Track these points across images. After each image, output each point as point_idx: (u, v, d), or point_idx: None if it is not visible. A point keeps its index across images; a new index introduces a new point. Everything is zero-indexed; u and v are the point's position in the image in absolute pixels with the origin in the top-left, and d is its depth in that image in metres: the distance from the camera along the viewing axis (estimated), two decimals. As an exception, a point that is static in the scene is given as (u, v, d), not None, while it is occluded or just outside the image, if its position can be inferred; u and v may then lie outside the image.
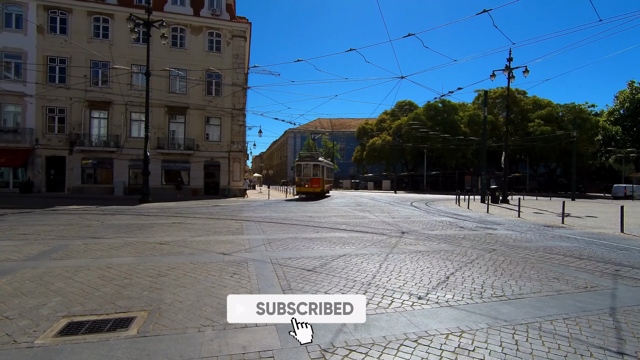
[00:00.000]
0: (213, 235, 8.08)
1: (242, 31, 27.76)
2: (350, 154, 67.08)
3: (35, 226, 9.07)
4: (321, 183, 24.81)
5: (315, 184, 24.55)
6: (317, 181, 24.59)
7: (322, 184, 25.08)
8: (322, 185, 24.96)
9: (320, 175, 24.84)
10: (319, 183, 24.61)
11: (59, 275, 4.75)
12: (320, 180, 24.69)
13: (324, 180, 25.36)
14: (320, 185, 24.73)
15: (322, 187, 25.01)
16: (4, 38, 23.10)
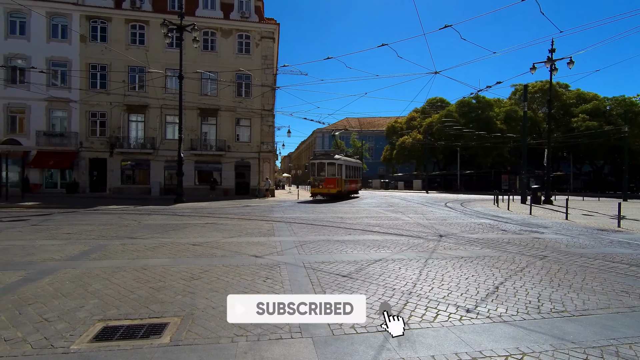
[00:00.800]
0: (245, 237, 8.02)
1: (271, 32, 27.97)
2: (379, 153, 65.96)
3: (78, 225, 9.46)
4: (338, 183, 22.55)
5: (330, 184, 22.39)
6: (332, 181, 22.39)
7: (340, 184, 22.86)
8: (339, 186, 22.70)
9: (338, 174, 22.65)
10: (335, 183, 22.36)
11: (97, 277, 4.81)
12: (336, 180, 22.41)
13: (341, 180, 23.06)
14: (337, 185, 22.49)
15: (339, 187, 22.73)
16: (52, 48, 24.64)
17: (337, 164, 22.72)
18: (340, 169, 23.05)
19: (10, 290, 4.23)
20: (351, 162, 27.32)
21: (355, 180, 27.76)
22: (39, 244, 6.89)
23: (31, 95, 23.96)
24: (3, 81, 23.68)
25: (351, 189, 26.50)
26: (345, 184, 24.07)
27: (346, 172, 24.36)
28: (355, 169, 28.76)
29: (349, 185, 25.18)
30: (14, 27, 24.37)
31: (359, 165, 30.63)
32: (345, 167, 24.31)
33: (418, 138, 49.71)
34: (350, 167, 26.34)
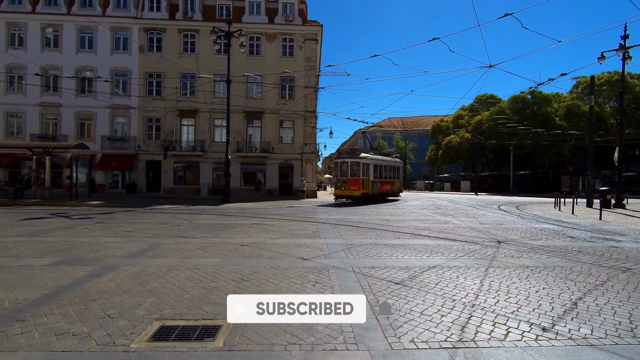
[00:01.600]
0: (291, 238, 7.99)
1: (314, 34, 28.13)
2: (422, 153, 63.70)
3: (136, 224, 10.07)
4: (364, 185, 20.31)
5: (353, 185, 20.27)
6: (356, 182, 20.23)
7: (367, 185, 20.58)
8: (365, 187, 20.43)
9: (363, 174, 20.41)
10: (359, 185, 20.15)
11: (153, 275, 4.98)
12: (360, 182, 20.17)
13: (368, 181, 20.72)
14: (362, 187, 20.24)
15: (365, 189, 20.45)
16: (114, 59, 26.81)
17: (362, 163, 20.44)
18: (366, 169, 20.79)
19: (78, 285, 4.50)
20: (385, 161, 24.48)
21: (390, 182, 24.76)
22: (103, 241, 7.38)
23: (97, 104, 26.26)
24: (74, 91, 26.19)
25: (385, 191, 23.69)
26: (375, 185, 21.66)
27: (376, 172, 22.05)
28: (393, 169, 25.86)
29: (380, 186, 22.62)
30: (83, 42, 26.86)
31: (397, 164, 27.19)
32: (375, 167, 21.96)
33: (466, 137, 47.30)
34: (384, 166, 23.75)
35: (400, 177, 27.53)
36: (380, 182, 22.72)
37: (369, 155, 21.50)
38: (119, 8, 26.91)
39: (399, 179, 27.32)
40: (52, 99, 26.56)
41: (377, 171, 22.20)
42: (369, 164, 21.10)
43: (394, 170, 26.11)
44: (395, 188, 26.30)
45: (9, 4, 26.36)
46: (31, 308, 3.70)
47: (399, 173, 27.49)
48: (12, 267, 5.26)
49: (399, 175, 27.46)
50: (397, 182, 26.60)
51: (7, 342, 2.97)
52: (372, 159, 21.67)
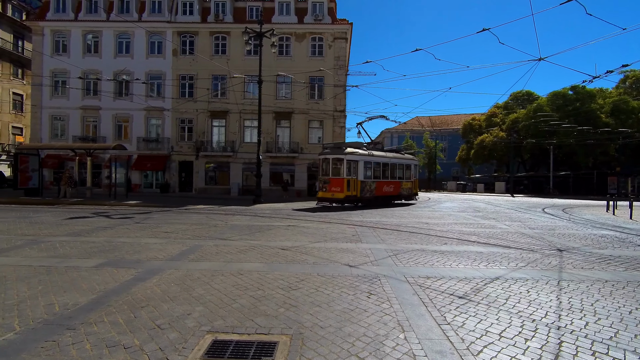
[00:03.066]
0: (330, 242, 7.66)
1: (344, 32, 27.74)
2: (451, 153, 61.61)
3: (173, 224, 10.10)
4: (348, 185, 17.08)
5: (335, 186, 17.18)
6: (339, 183, 17.09)
7: (354, 186, 17.33)
8: (351, 189, 17.19)
9: (349, 173, 17.22)
10: (342, 185, 16.98)
11: (198, 280, 4.79)
12: (344, 182, 16.96)
13: (355, 181, 17.41)
14: (347, 188, 17.02)
15: (351, 191, 17.21)
16: (150, 63, 27.64)
17: (346, 160, 17.21)
18: (353, 167, 17.50)
19: (125, 289, 4.37)
20: (387, 157, 20.49)
21: (394, 182, 20.75)
22: (144, 242, 7.36)
23: (133, 106, 27.17)
24: (112, 94, 27.24)
25: (386, 193, 20.06)
26: (368, 186, 18.27)
27: (371, 170, 18.68)
28: (400, 168, 21.58)
29: (378, 188, 19.16)
30: (121, 46, 27.88)
31: (407, 162, 22.47)
32: (368, 165, 18.51)
33: (500, 136, 45.25)
34: (385, 164, 20.01)
35: (413, 176, 22.90)
36: (378, 183, 19.23)
37: (358, 151, 18.05)
38: (154, 13, 27.71)
39: (410, 179, 22.55)
40: (92, 102, 27.76)
41: (371, 170, 18.79)
42: (356, 160, 17.73)
43: (401, 168, 21.75)
44: (404, 190, 21.74)
45: (54, 13, 27.78)
46: (81, 314, 3.57)
47: (411, 172, 22.70)
48: (60, 268, 5.26)
49: (411, 174, 22.68)
50: (406, 182, 22.01)
51: (60, 353, 2.81)
52: (362, 155, 18.12)
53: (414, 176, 23.20)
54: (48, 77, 27.47)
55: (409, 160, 23.07)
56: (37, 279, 4.75)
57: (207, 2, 28.47)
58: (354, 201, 18.06)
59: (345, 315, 3.66)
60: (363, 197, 18.08)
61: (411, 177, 22.75)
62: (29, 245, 6.83)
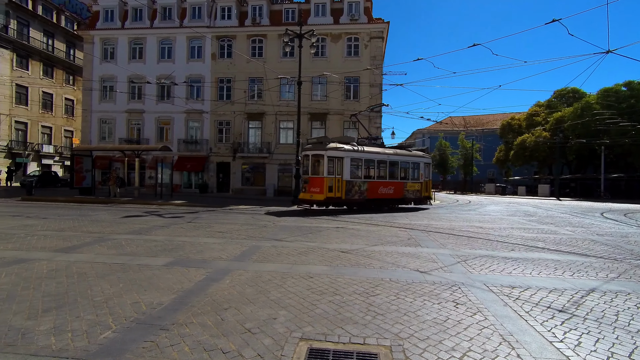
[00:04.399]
0: (389, 246, 7.39)
1: (380, 32, 27.34)
2: (486, 154, 58.98)
3: (224, 224, 10.21)
4: (330, 186, 15.03)
5: (315, 186, 15.27)
6: (319, 182, 15.10)
7: (338, 187, 15.23)
8: (335, 190, 15.12)
9: (331, 172, 15.09)
10: (322, 186, 14.96)
11: (269, 282, 4.70)
12: (323, 182, 14.91)
13: (341, 181, 15.32)
14: (328, 189, 14.95)
15: (335, 192, 15.15)
16: (190, 67, 28.55)
17: (326, 156, 15.01)
18: (337, 164, 15.29)
19: (201, 290, 4.35)
20: (385, 154, 17.57)
21: (396, 183, 17.64)
22: (203, 241, 7.44)
23: (174, 109, 28.18)
24: (155, 98, 28.40)
25: (384, 196, 17.23)
26: (357, 187, 15.97)
27: (361, 169, 16.36)
28: (404, 166, 18.38)
29: (372, 189, 16.60)
30: (163, 52, 29.01)
31: (414, 160, 18.97)
32: (358, 162, 16.23)
33: (544, 136, 42.84)
34: (382, 162, 17.34)
35: (424, 177, 19.23)
36: (372, 184, 16.61)
37: (343, 146, 15.80)
38: (194, 18, 28.60)
39: (419, 180, 18.93)
40: (136, 106, 29.06)
41: (361, 168, 16.41)
42: (340, 157, 15.41)
43: (406, 167, 18.50)
44: (409, 192, 18.31)
45: (103, 22, 29.37)
46: (168, 315, 3.55)
47: (419, 172, 19.08)
48: (133, 266, 5.36)
49: (419, 174, 19.08)
50: (412, 183, 18.47)
51: (161, 355, 2.77)
52: (347, 151, 15.75)
53: (425, 176, 19.34)
54: (97, 82, 29.07)
55: (417, 157, 19.16)
56: (115, 276, 4.85)
57: (244, 6, 29.03)
58: (338, 204, 16.07)
59: (439, 326, 3.41)
60: (350, 199, 15.80)
61: (420, 177, 19.03)
62: (97, 242, 7.09)
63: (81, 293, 4.14)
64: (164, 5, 28.95)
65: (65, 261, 5.55)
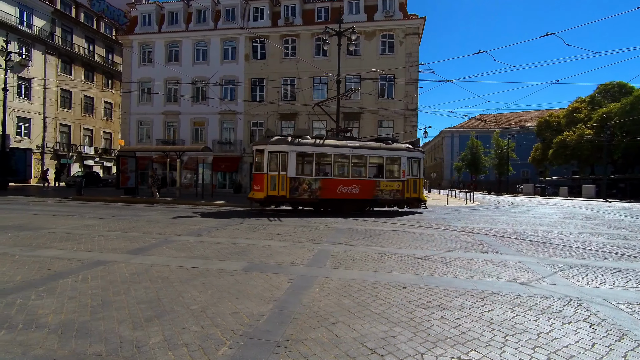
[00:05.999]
0: (462, 252, 6.91)
1: (415, 28, 26.58)
2: (520, 153, 56.21)
3: (277, 226, 10.02)
4: (271, 183, 13.82)
5: (257, 184, 14.31)
6: (259, 180, 14.08)
7: (281, 185, 13.90)
8: (278, 188, 13.88)
9: (274, 168, 13.87)
10: (262, 183, 13.88)
11: (362, 292, 4.37)
12: (264, 179, 13.79)
13: (285, 179, 13.95)
14: (269, 186, 13.78)
15: (279, 190, 13.89)
16: (224, 68, 28.85)
17: (267, 151, 13.85)
18: (280, 160, 13.91)
19: (294, 299, 4.07)
20: (347, 147, 15.32)
21: (365, 182, 15.33)
22: (266, 244, 7.23)
23: (209, 110, 28.57)
24: (191, 99, 28.91)
25: (348, 196, 14.91)
26: (303, 185, 14.23)
27: (312, 165, 14.49)
28: (381, 162, 15.81)
29: (329, 188, 14.57)
30: (198, 54, 29.49)
31: (395, 154, 15.89)
32: (303, 157, 14.49)
33: (587, 133, 40.45)
34: (343, 156, 15.19)
35: (406, 174, 15.79)
36: (327, 182, 14.56)
37: (287, 140, 14.47)
38: (228, 20, 28.88)
39: (399, 179, 15.67)
40: (172, 108, 29.68)
41: (312, 164, 14.52)
42: (284, 152, 13.96)
43: (380, 163, 15.86)
44: (384, 193, 15.45)
45: (141, 27, 30.20)
46: (275, 328, 3.28)
47: (399, 168, 15.80)
48: (211, 270, 5.19)
49: (399, 171, 15.77)
50: (387, 182, 15.52)
51: (295, 379, 2.48)
52: (293, 145, 14.20)
53: (411, 174, 15.96)
54: (135, 84, 29.93)
55: (397, 151, 15.87)
56: (199, 281, 4.67)
57: (277, 6, 29.04)
58: (281, 203, 14.68)
59: (592, 353, 2.95)
60: (296, 198, 14.21)
61: (401, 175, 15.68)
62: (163, 244, 7.02)
63: (174, 300, 3.97)
64: (198, 9, 29.42)
65: (141, 264, 5.46)
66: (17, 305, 3.72)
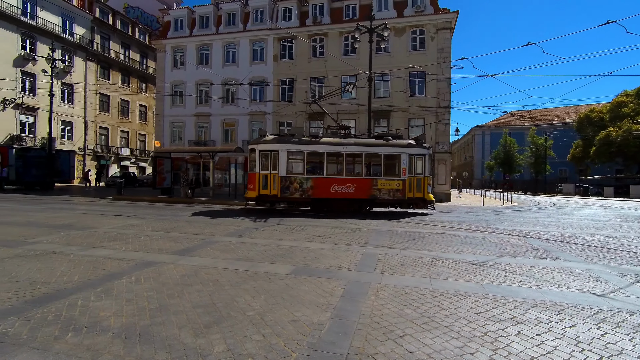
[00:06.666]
0: (519, 257, 6.45)
1: (448, 22, 25.71)
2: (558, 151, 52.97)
3: (315, 227, 9.88)
4: (265, 183, 13.88)
5: (250, 183, 14.44)
6: (252, 179, 14.19)
7: (272, 184, 13.88)
8: (269, 187, 13.88)
9: (265, 167, 13.90)
10: (255, 182, 14.00)
11: (422, 301, 4.10)
12: (255, 178, 13.94)
13: (276, 178, 13.90)
14: (261, 186, 13.89)
15: (270, 189, 13.88)
16: (253, 70, 29.14)
17: (258, 150, 13.98)
18: (272, 159, 13.90)
19: (353, 307, 3.86)
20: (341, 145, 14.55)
21: (361, 181, 14.48)
22: (309, 246, 7.09)
23: (238, 111, 28.97)
24: (221, 101, 29.44)
25: (342, 195, 14.28)
26: (294, 184, 14.03)
27: (303, 163, 14.20)
28: (379, 160, 14.70)
29: (317, 186, 14.15)
30: (228, 56, 29.97)
31: (394, 151, 14.76)
32: (294, 155, 14.22)
33: (634, 129, 37.75)
34: (337, 155, 14.49)
35: (407, 172, 14.55)
36: (320, 180, 14.15)
37: (278, 138, 14.61)
38: (256, 22, 29.16)
39: (399, 177, 14.54)
40: (204, 110, 30.35)
41: (303, 162, 14.25)
42: (275, 151, 13.90)
43: (378, 160, 14.76)
44: (382, 192, 14.45)
45: (174, 31, 31.09)
46: (340, 340, 3.09)
47: (399, 166, 14.68)
48: (259, 274, 5.09)
49: (400, 169, 14.62)
50: (386, 181, 14.47)
51: (377, 400, 2.27)
52: (284, 144, 14.13)
53: (414, 172, 14.64)
54: (168, 87, 30.85)
55: (397, 148, 14.81)
56: (249, 285, 4.57)
57: (305, 5, 29.00)
58: (274, 202, 14.60)
59: None
60: (288, 197, 14.11)
61: (402, 173, 14.57)
62: (207, 245, 7.03)
63: (228, 305, 3.87)
64: (228, 11, 29.90)
65: (189, 265, 5.44)
66: (79, 306, 3.75)
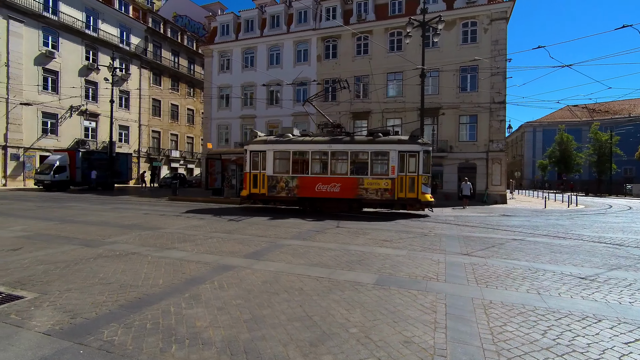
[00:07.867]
0: (632, 271, 5.57)
1: (503, 12, 24.06)
2: (622, 148, 47.59)
3: (378, 231, 9.44)
4: (254, 182, 14.32)
5: (243, 182, 15.22)
6: (245, 178, 14.88)
7: (261, 183, 14.23)
8: (259, 186, 14.25)
9: (255, 166, 14.33)
10: (246, 182, 14.66)
11: (547, 324, 3.52)
12: (246, 177, 14.62)
13: (263, 177, 14.23)
14: (252, 185, 14.36)
15: (258, 188, 14.26)
16: (296, 70, 29.19)
17: (249, 151, 14.53)
18: (261, 159, 14.29)
19: (466, 327, 3.39)
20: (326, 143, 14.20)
21: (347, 180, 13.78)
22: (382, 252, 6.67)
23: (282, 112, 29.18)
24: (265, 103, 29.83)
25: (328, 194, 13.85)
26: (281, 183, 14.09)
27: (289, 163, 14.18)
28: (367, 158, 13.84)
29: (302, 185, 13.98)
30: (272, 58, 30.32)
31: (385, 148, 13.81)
32: (280, 155, 14.32)
33: None
34: (322, 153, 14.09)
35: (395, 171, 13.47)
36: (304, 179, 13.97)
37: (266, 139, 15.04)
38: (300, 23, 29.21)
39: (389, 176, 13.54)
40: (249, 112, 30.94)
41: (289, 161, 14.23)
42: (263, 151, 14.27)
43: (365, 159, 13.89)
44: (368, 192, 13.64)
45: (220, 37, 32.01)
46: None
47: (388, 164, 13.70)
48: (342, 282, 4.74)
49: (389, 167, 13.64)
50: (372, 180, 13.60)
51: None
52: (271, 144, 14.43)
53: (400, 170, 13.45)
54: (216, 90, 31.82)
55: (385, 145, 13.83)
56: (337, 295, 4.24)
57: (349, 3, 28.58)
58: (262, 201, 14.78)
59: None
60: (275, 196, 14.28)
61: (391, 171, 13.51)
62: (275, 248, 6.85)
63: (325, 319, 3.55)
64: (272, 14, 30.23)
65: (266, 271, 5.24)
66: (173, 314, 3.62)
